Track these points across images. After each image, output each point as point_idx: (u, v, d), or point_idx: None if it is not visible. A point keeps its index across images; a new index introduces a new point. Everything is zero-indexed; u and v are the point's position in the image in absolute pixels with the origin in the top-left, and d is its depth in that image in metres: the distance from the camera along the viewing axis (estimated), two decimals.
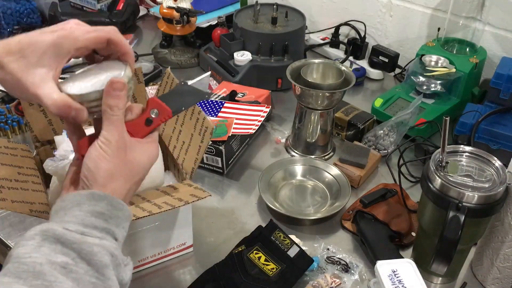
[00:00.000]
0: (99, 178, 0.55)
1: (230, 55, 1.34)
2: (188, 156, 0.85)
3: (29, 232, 0.50)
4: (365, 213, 0.94)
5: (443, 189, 0.74)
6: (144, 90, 0.93)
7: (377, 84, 1.42)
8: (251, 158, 1.14)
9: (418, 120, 1.16)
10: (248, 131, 1.08)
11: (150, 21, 1.72)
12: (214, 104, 1.16)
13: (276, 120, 1.26)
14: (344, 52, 1.49)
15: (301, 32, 1.40)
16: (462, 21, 1.26)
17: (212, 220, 0.97)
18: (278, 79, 1.34)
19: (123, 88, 0.56)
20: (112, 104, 0.56)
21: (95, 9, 1.70)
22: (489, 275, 0.84)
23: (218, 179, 1.08)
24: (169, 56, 1.47)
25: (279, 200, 1.01)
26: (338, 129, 1.19)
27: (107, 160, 0.55)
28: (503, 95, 1.08)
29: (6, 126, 1.14)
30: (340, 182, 1.03)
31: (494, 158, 0.78)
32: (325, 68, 1.14)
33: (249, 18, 1.39)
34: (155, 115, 0.61)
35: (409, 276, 0.71)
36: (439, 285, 0.87)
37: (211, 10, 1.55)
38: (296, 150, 1.15)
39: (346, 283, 0.84)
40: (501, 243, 0.80)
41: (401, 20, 1.42)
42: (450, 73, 1.20)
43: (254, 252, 0.84)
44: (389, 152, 1.12)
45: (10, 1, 1.55)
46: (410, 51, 1.42)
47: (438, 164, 0.77)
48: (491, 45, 1.27)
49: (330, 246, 0.91)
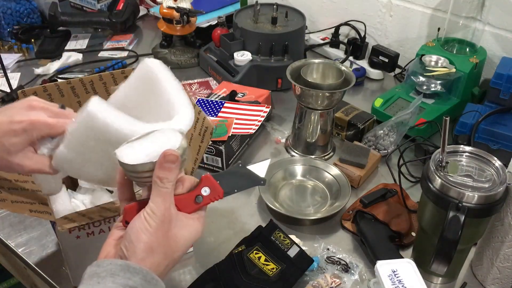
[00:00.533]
0: (138, 251, 0.54)
1: (230, 55, 1.34)
2: (188, 156, 0.85)
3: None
4: (365, 213, 0.94)
5: (443, 189, 0.74)
6: None
7: (377, 84, 1.42)
8: (251, 158, 1.14)
9: (418, 120, 1.16)
10: (248, 131, 1.08)
11: (150, 21, 1.72)
12: (214, 104, 1.16)
13: (276, 120, 1.26)
14: (344, 52, 1.49)
15: (301, 32, 1.40)
16: (462, 21, 1.26)
17: (212, 220, 0.97)
18: (278, 79, 1.34)
19: (176, 161, 0.55)
20: (162, 176, 0.55)
21: (95, 9, 1.71)
22: (489, 275, 0.84)
23: None
24: (169, 56, 1.47)
25: (279, 200, 1.01)
26: (338, 129, 1.19)
27: (150, 233, 0.54)
28: (503, 95, 1.08)
29: None
30: (340, 182, 1.03)
31: (494, 158, 0.78)
32: (325, 68, 1.14)
33: (249, 18, 1.39)
34: (206, 193, 0.59)
35: (409, 276, 0.71)
36: (439, 285, 0.87)
37: (211, 10, 1.55)
38: (296, 150, 1.15)
39: (346, 283, 0.84)
40: (501, 243, 0.80)
41: (401, 20, 1.42)
42: (450, 73, 1.20)
43: (254, 252, 0.84)
44: (389, 152, 1.12)
45: (10, 1, 1.56)
46: (410, 51, 1.42)
47: (438, 164, 0.77)
48: (491, 45, 1.27)
49: (330, 246, 0.91)
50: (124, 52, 1.53)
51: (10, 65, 1.45)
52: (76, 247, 0.75)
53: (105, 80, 0.89)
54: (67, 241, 0.74)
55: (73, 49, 1.53)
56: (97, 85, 0.89)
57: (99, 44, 1.58)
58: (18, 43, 1.53)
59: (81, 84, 0.88)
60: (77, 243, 0.75)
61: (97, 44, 1.58)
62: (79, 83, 0.87)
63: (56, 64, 1.43)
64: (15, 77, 1.40)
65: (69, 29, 1.61)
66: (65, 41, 1.57)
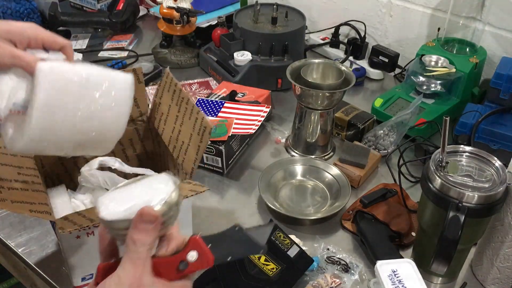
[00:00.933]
0: None
1: (230, 55, 1.34)
2: (188, 156, 0.85)
3: None
4: (365, 213, 0.94)
5: (443, 189, 0.74)
6: (144, 90, 0.93)
7: (377, 84, 1.42)
8: (251, 158, 1.14)
9: (418, 120, 1.16)
10: (248, 131, 1.08)
11: (150, 21, 1.72)
12: (214, 104, 1.16)
13: (276, 120, 1.26)
14: (344, 52, 1.49)
15: (301, 32, 1.40)
16: (462, 21, 1.26)
17: (212, 220, 0.97)
18: (278, 79, 1.34)
19: (154, 221, 0.47)
20: (136, 238, 0.47)
21: (95, 9, 1.70)
22: (489, 275, 0.84)
23: (218, 179, 1.08)
24: (169, 56, 1.47)
25: (279, 200, 1.01)
26: (338, 129, 1.19)
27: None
28: (503, 95, 1.08)
29: None
30: (340, 182, 1.03)
31: (494, 158, 0.78)
32: (325, 68, 1.14)
33: (249, 18, 1.39)
34: (193, 258, 0.49)
35: (409, 276, 0.71)
36: (439, 285, 0.87)
37: (211, 10, 1.55)
38: (296, 150, 1.15)
39: (346, 283, 0.84)
40: (501, 243, 0.80)
41: (401, 20, 1.42)
42: (450, 73, 1.20)
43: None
44: (389, 152, 1.12)
45: (10, 1, 1.55)
46: (410, 51, 1.41)
47: (438, 164, 0.77)
48: (491, 45, 1.27)
49: (330, 246, 0.91)
50: (124, 52, 1.53)
51: None
52: (76, 247, 0.75)
53: None
54: (67, 241, 0.74)
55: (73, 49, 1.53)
56: None
57: (99, 44, 1.58)
58: None
59: None
60: (77, 243, 0.75)
61: (97, 44, 1.58)
62: None
63: None
64: None
65: (69, 29, 1.61)
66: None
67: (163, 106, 0.93)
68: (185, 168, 0.85)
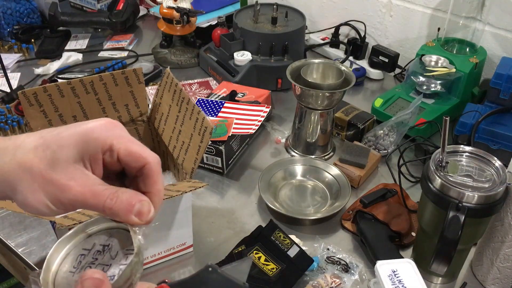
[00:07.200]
0: None
1: (230, 55, 1.34)
2: (188, 156, 0.85)
3: None
4: (365, 213, 0.94)
5: (443, 189, 0.74)
6: (144, 90, 0.93)
7: (377, 84, 1.42)
8: (251, 158, 1.14)
9: (418, 120, 1.16)
10: (248, 131, 1.08)
11: (150, 21, 1.72)
12: (214, 104, 1.16)
13: (276, 120, 1.26)
14: (344, 52, 1.49)
15: (301, 32, 1.40)
16: (462, 21, 1.26)
17: (212, 220, 0.97)
18: (278, 79, 1.34)
19: (100, 286, 0.39)
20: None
21: (95, 9, 1.71)
22: (489, 275, 0.84)
23: (218, 179, 1.08)
24: (169, 56, 1.47)
25: (279, 200, 1.01)
26: (338, 129, 1.19)
27: None
28: (503, 95, 1.08)
29: (6, 126, 1.14)
30: (340, 182, 1.03)
31: (494, 158, 0.78)
32: (325, 68, 1.14)
33: (249, 18, 1.39)
34: None
35: (409, 276, 0.71)
36: (439, 285, 0.87)
37: (211, 10, 1.55)
38: (296, 150, 1.15)
39: (346, 283, 0.84)
40: (501, 243, 0.80)
41: (401, 20, 1.42)
42: (450, 73, 1.20)
43: (254, 252, 0.84)
44: (389, 152, 1.12)
45: (10, 1, 1.56)
46: (410, 51, 1.42)
47: (438, 164, 0.77)
48: (491, 45, 1.27)
49: (330, 246, 0.91)
50: (124, 52, 1.53)
51: (10, 65, 1.45)
52: None
53: (105, 80, 0.89)
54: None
55: (73, 49, 1.53)
56: (97, 85, 0.89)
57: (99, 44, 1.58)
58: (18, 43, 1.53)
59: (81, 85, 0.87)
60: None
61: (97, 44, 1.58)
62: (79, 83, 0.87)
63: (56, 64, 1.43)
64: (15, 77, 1.40)
65: (69, 29, 1.61)
66: (65, 41, 1.57)
67: (164, 106, 0.93)
68: (185, 168, 0.85)
